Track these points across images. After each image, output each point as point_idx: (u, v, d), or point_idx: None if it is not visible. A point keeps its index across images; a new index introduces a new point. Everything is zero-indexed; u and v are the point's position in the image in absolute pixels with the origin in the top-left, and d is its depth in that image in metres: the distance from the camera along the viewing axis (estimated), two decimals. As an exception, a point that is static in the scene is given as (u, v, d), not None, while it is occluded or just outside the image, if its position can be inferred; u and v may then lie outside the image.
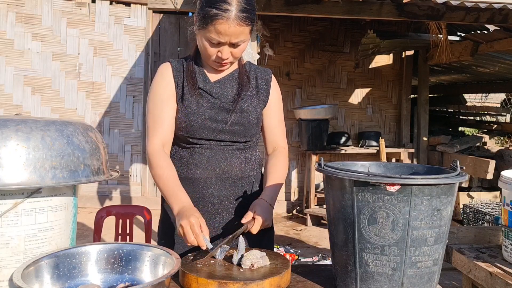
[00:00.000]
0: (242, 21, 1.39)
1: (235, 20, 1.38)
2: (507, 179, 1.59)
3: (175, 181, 1.46)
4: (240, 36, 1.42)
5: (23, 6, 5.68)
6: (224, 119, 1.52)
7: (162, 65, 1.59)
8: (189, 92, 1.53)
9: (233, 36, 1.41)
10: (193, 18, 1.51)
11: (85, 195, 5.70)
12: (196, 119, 1.50)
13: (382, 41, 5.22)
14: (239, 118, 1.53)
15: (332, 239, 1.21)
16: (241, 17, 1.38)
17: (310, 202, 5.62)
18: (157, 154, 1.49)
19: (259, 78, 1.63)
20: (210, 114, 1.51)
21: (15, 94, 5.73)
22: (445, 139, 6.32)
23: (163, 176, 1.46)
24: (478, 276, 1.59)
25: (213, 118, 1.52)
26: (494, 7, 3.57)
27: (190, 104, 1.51)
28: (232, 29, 1.39)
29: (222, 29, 1.38)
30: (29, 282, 0.99)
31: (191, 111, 1.51)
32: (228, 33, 1.39)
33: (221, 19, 1.37)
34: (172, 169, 1.49)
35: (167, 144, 1.54)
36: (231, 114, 1.52)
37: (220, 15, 1.37)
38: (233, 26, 1.38)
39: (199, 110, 1.51)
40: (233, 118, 1.52)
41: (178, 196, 1.42)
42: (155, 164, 1.48)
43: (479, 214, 4.21)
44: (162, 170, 1.47)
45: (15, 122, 1.08)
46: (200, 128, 1.51)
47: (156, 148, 1.50)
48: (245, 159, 1.59)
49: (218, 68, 1.54)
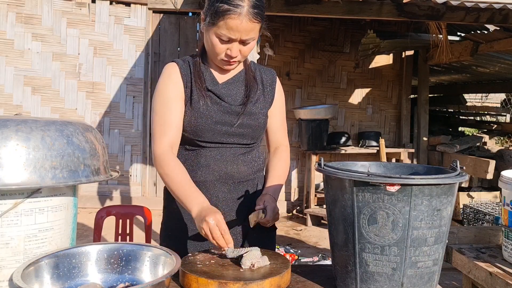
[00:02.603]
0: (254, 17, 1.38)
1: (247, 16, 1.36)
2: (507, 179, 1.58)
3: (189, 182, 1.42)
4: (250, 33, 1.41)
5: (23, 6, 5.68)
6: (232, 122, 1.50)
7: (168, 65, 1.55)
8: (197, 94, 1.50)
9: (244, 33, 1.39)
10: (200, 16, 1.49)
11: (85, 195, 5.70)
12: (204, 122, 1.48)
13: (382, 41, 5.22)
14: (247, 120, 1.52)
15: (332, 239, 1.21)
16: (253, 13, 1.37)
17: (310, 202, 5.62)
18: (166, 155, 1.44)
19: (265, 79, 1.61)
20: (218, 117, 1.49)
21: (15, 94, 5.73)
22: (445, 139, 6.32)
23: (176, 178, 1.42)
24: (478, 276, 1.59)
25: (222, 121, 1.50)
26: (494, 7, 3.57)
27: (198, 106, 1.49)
28: (243, 25, 1.37)
29: (234, 25, 1.37)
30: (29, 282, 0.99)
31: (200, 113, 1.48)
32: (239, 29, 1.38)
33: (233, 15, 1.36)
34: (183, 171, 1.44)
35: (175, 145, 1.50)
36: (239, 116, 1.50)
37: (232, 10, 1.35)
38: (245, 22, 1.37)
39: (208, 113, 1.48)
40: (240, 120, 1.50)
41: (196, 196, 1.38)
42: (165, 165, 1.43)
43: (479, 214, 4.21)
44: (172, 172, 1.42)
45: (15, 122, 1.08)
46: (208, 131, 1.49)
47: (165, 150, 1.45)
48: (250, 161, 1.57)
49: (225, 66, 1.51)
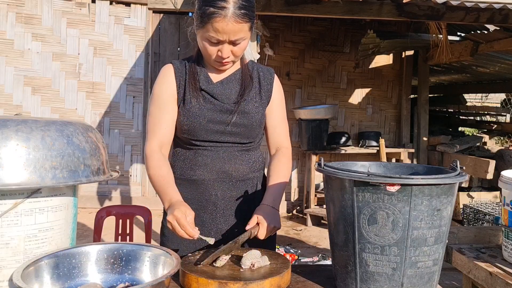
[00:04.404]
0: (239, 18, 1.37)
1: (233, 17, 1.36)
2: (507, 179, 1.58)
3: (166, 178, 1.46)
4: (239, 34, 1.40)
5: (23, 6, 5.68)
6: (225, 120, 1.51)
7: (164, 66, 1.57)
8: (190, 94, 1.51)
9: (232, 34, 1.39)
10: (192, 18, 1.50)
11: (85, 195, 5.70)
12: (197, 121, 1.49)
13: (382, 41, 5.21)
14: (241, 119, 1.52)
15: (332, 239, 1.21)
16: (238, 14, 1.37)
17: (310, 202, 5.62)
18: (152, 155, 1.49)
19: (262, 78, 1.61)
20: (211, 116, 1.50)
21: (15, 94, 5.73)
22: (445, 139, 6.32)
23: (155, 176, 1.47)
24: (478, 276, 1.59)
25: (215, 120, 1.50)
26: (494, 7, 3.57)
27: (191, 106, 1.50)
28: (230, 27, 1.37)
29: (220, 27, 1.37)
30: (29, 282, 0.99)
31: (192, 113, 1.50)
32: (226, 31, 1.38)
33: (218, 17, 1.36)
34: (165, 169, 1.48)
35: (165, 145, 1.54)
36: (232, 115, 1.51)
37: (217, 13, 1.36)
38: (230, 23, 1.37)
39: (200, 112, 1.50)
40: (234, 119, 1.51)
41: (168, 193, 1.42)
42: (149, 165, 1.49)
43: (479, 214, 4.21)
44: (154, 170, 1.47)
45: (15, 122, 1.08)
46: (202, 130, 1.50)
47: (152, 150, 1.50)
48: (248, 160, 1.58)
49: (219, 67, 1.53)
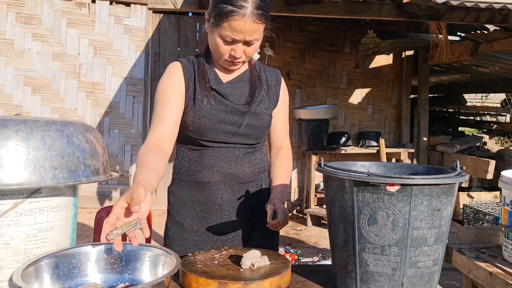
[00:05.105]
0: (257, 18, 1.37)
1: (251, 17, 1.36)
2: (507, 179, 1.58)
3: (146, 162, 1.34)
4: (254, 34, 1.40)
5: (23, 6, 5.68)
6: (237, 121, 1.49)
7: (172, 64, 1.55)
8: (201, 93, 1.49)
9: (248, 34, 1.38)
10: (204, 17, 1.48)
11: (85, 195, 5.70)
12: (208, 121, 1.47)
13: (382, 41, 5.21)
14: (252, 120, 1.51)
15: (332, 239, 1.21)
16: (256, 14, 1.36)
17: (310, 202, 5.62)
18: (145, 145, 1.42)
19: (269, 79, 1.61)
20: (222, 117, 1.48)
21: (15, 94, 5.73)
22: (445, 139, 6.32)
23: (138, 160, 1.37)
24: (478, 276, 1.59)
25: (226, 120, 1.49)
26: (494, 7, 3.57)
27: (201, 105, 1.48)
28: (247, 26, 1.36)
29: (238, 26, 1.36)
30: (29, 282, 0.99)
31: (203, 112, 1.47)
32: (243, 30, 1.37)
33: (237, 16, 1.35)
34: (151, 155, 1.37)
35: (167, 140, 1.46)
36: (244, 116, 1.50)
37: (235, 11, 1.35)
38: (248, 23, 1.36)
39: (211, 112, 1.47)
40: (247, 120, 1.50)
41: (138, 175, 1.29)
42: (138, 153, 1.40)
43: (479, 214, 4.21)
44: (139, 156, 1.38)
45: (15, 122, 1.08)
46: (211, 130, 1.48)
47: (148, 141, 1.42)
48: (254, 161, 1.57)
49: (229, 67, 1.51)
